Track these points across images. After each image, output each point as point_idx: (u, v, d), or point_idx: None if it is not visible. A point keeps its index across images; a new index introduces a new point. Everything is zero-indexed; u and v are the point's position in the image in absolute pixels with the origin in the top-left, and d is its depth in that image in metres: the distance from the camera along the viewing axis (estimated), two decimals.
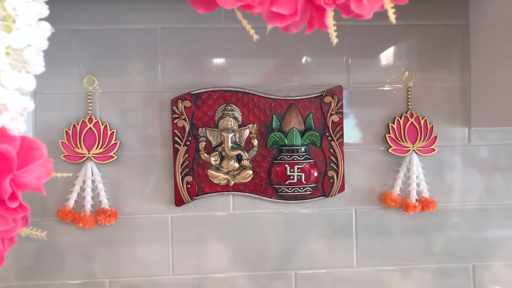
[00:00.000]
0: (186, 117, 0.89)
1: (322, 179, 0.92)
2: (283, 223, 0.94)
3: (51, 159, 0.37)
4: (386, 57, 0.94)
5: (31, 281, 0.91)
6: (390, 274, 0.95)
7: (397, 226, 0.95)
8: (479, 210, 0.96)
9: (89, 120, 0.89)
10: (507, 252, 0.96)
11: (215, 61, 0.92)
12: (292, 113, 0.92)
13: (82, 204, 0.89)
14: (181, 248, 0.92)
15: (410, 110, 0.93)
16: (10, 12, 0.32)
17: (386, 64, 0.94)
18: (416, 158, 0.93)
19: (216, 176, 0.90)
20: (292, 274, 0.94)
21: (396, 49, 0.94)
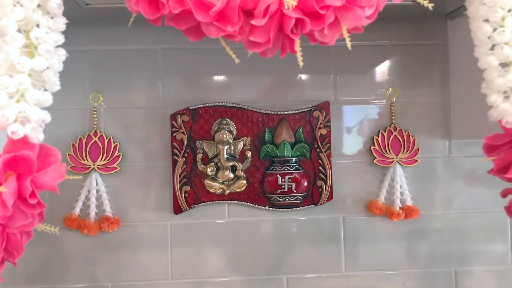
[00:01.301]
0: (184, 130, 0.96)
1: (311, 188, 0.98)
2: (276, 230, 1.00)
3: (64, 164, 0.44)
4: (371, 75, 1.01)
5: (39, 285, 0.96)
6: (377, 278, 1.00)
7: (382, 232, 1.00)
8: (460, 218, 1.01)
9: (94, 134, 0.96)
10: (487, 257, 1.02)
11: (211, 79, 0.99)
12: (283, 127, 0.98)
13: (87, 212, 0.95)
14: (180, 253, 0.98)
15: (393, 124, 1.00)
16: (33, 41, 0.39)
17: (370, 81, 1.01)
18: (400, 168, 0.99)
19: (212, 185, 0.96)
20: (284, 278, 0.99)
21: (380, 67, 1.01)
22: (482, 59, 0.45)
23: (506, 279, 1.02)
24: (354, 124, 1.00)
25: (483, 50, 0.45)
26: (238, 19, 0.38)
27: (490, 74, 0.45)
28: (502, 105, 0.45)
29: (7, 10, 0.37)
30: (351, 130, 1.00)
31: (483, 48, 0.45)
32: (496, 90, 0.45)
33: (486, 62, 0.45)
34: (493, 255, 1.02)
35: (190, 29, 0.40)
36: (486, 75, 0.46)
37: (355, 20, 0.38)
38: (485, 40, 0.44)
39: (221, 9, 0.37)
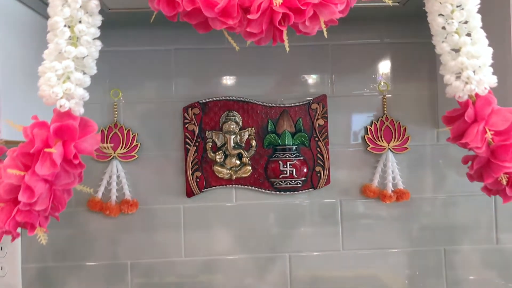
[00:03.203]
0: (195, 122, 1.07)
1: (310, 174, 1.08)
2: (279, 212, 1.09)
3: (99, 134, 0.54)
4: (364, 71, 1.10)
5: (65, 262, 1.06)
6: (371, 256, 1.09)
7: (376, 214, 1.09)
8: (448, 200, 1.10)
9: (114, 126, 1.06)
10: (474, 237, 1.10)
11: (219, 76, 1.09)
12: (284, 118, 1.08)
13: (108, 195, 1.05)
14: (192, 233, 1.08)
15: (385, 114, 1.09)
16: (77, 34, 0.50)
17: (364, 76, 1.10)
18: (391, 155, 1.08)
19: (220, 171, 1.07)
20: (287, 256, 1.09)
21: (372, 63, 1.10)
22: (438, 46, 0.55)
23: (491, 257, 1.10)
24: (349, 115, 1.10)
25: (438, 38, 0.54)
26: (237, 14, 0.48)
27: (445, 58, 0.55)
28: (454, 83, 0.55)
29: (57, 9, 0.48)
30: (346, 121, 1.10)
31: (438, 37, 0.54)
32: (450, 71, 0.55)
33: (440, 48, 0.54)
34: (479, 235, 1.10)
35: (199, 23, 0.51)
36: (442, 59, 0.56)
37: (330, 14, 0.48)
38: (440, 30, 0.54)
39: (224, 7, 0.48)
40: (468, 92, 0.54)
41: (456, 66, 0.54)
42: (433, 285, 1.09)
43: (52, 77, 0.50)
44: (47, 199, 0.53)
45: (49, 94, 0.51)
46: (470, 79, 0.54)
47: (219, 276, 1.07)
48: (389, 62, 1.10)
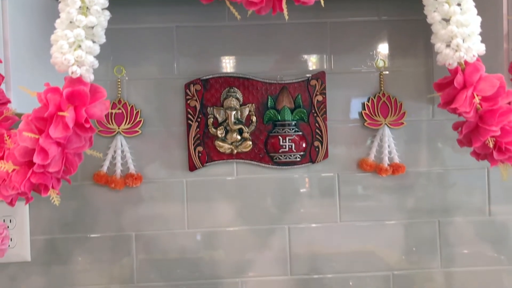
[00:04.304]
0: (197, 98, 1.09)
1: (309, 149, 1.11)
2: (278, 186, 1.12)
3: (108, 100, 0.58)
4: (362, 48, 1.13)
5: (72, 234, 1.09)
6: (368, 228, 1.13)
7: (372, 187, 1.13)
8: (443, 174, 1.13)
9: (118, 102, 1.09)
10: (467, 209, 1.13)
11: (220, 53, 1.12)
12: (284, 94, 1.11)
13: (113, 169, 1.08)
14: (194, 206, 1.11)
15: (382, 90, 1.12)
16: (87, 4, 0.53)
17: (362, 53, 1.13)
18: (388, 130, 1.12)
19: (222, 146, 1.10)
20: (286, 227, 1.12)
21: (370, 40, 1.13)
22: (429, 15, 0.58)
23: (484, 228, 1.14)
24: (347, 92, 1.13)
25: (430, 8, 0.57)
26: None
27: (436, 27, 0.58)
28: (445, 51, 0.58)
29: None
30: (344, 97, 1.13)
31: (430, 6, 0.57)
32: (440, 40, 0.58)
33: (432, 17, 0.57)
34: (473, 207, 1.14)
35: None
36: (433, 28, 0.59)
37: None
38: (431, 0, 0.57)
39: None
40: (457, 59, 0.57)
41: (446, 34, 0.57)
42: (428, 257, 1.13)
43: (64, 45, 0.53)
44: (60, 161, 0.56)
45: (61, 61, 0.54)
46: (460, 46, 0.57)
47: (220, 247, 1.11)
48: (386, 39, 1.13)
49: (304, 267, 1.12)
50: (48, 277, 1.09)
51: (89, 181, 1.09)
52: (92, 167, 1.09)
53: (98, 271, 1.10)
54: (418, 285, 1.13)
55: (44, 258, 1.09)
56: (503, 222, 1.14)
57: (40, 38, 0.82)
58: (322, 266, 1.12)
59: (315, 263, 1.12)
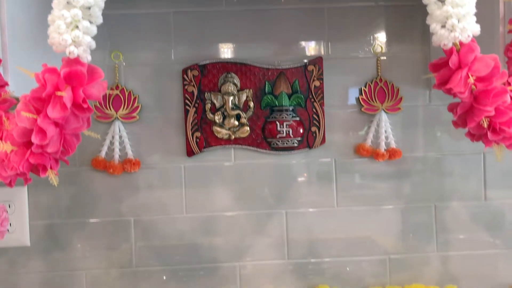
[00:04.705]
0: (194, 84, 1.10)
1: (306, 134, 1.12)
2: (276, 171, 1.13)
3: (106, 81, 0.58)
4: (359, 33, 1.13)
5: (70, 219, 1.10)
6: (365, 212, 1.14)
7: (369, 172, 1.13)
8: (439, 159, 1.14)
9: (116, 87, 1.09)
10: (463, 194, 1.14)
11: (218, 38, 1.11)
12: (281, 80, 1.11)
13: (111, 155, 1.09)
14: (192, 191, 1.12)
15: (379, 76, 1.12)
16: None
17: (359, 38, 1.13)
18: (385, 115, 1.12)
19: (219, 131, 1.10)
20: (284, 212, 1.13)
21: (367, 25, 1.13)
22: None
23: (479, 212, 1.15)
24: (344, 77, 1.13)
25: None
26: None
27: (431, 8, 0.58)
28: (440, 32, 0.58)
29: None
30: (341, 82, 1.13)
31: None
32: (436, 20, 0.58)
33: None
34: (469, 192, 1.14)
35: None
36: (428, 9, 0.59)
37: None
38: None
39: None
40: (452, 39, 0.58)
41: (441, 15, 0.57)
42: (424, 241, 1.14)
43: (61, 25, 0.53)
44: (58, 141, 0.57)
45: (59, 41, 0.54)
46: (455, 27, 0.57)
47: (218, 232, 1.12)
48: (383, 24, 1.13)
49: (301, 251, 1.13)
50: (48, 261, 1.10)
51: (87, 166, 1.10)
52: (90, 152, 1.09)
53: (97, 256, 1.11)
54: (414, 268, 1.14)
55: (44, 243, 1.10)
56: (499, 206, 1.15)
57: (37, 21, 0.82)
58: (319, 250, 1.13)
59: (312, 247, 1.13)
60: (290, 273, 1.13)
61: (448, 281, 1.13)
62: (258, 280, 1.13)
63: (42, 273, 1.10)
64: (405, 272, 1.14)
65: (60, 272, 1.10)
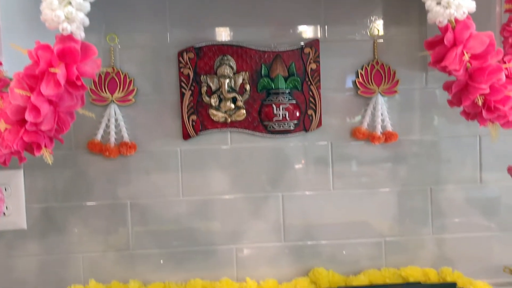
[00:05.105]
0: (190, 66, 1.09)
1: (303, 117, 1.12)
2: (272, 154, 1.13)
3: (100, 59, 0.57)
4: (356, 16, 1.12)
5: (67, 202, 1.10)
6: (361, 195, 1.14)
7: (365, 155, 1.13)
8: (435, 142, 1.14)
9: (111, 70, 1.09)
10: (459, 177, 1.15)
11: (213, 20, 1.11)
12: (278, 62, 1.11)
13: (107, 138, 1.08)
14: (189, 174, 1.12)
15: (376, 59, 1.12)
16: None
17: (356, 21, 1.12)
18: (381, 98, 1.12)
19: (215, 114, 1.10)
20: (280, 195, 1.13)
21: (364, 8, 1.12)
22: None
23: (474, 195, 1.15)
24: (341, 60, 1.13)
25: None
26: None
27: None
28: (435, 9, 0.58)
29: None
30: (338, 65, 1.12)
31: None
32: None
33: None
34: (464, 175, 1.15)
35: None
36: None
37: None
38: None
39: None
40: (447, 16, 0.58)
41: None
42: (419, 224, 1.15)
43: (54, 1, 0.53)
44: (52, 119, 0.56)
45: (52, 17, 0.53)
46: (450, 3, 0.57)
47: (215, 215, 1.12)
48: (380, 7, 1.12)
49: (298, 234, 1.13)
50: (45, 244, 1.10)
51: (83, 149, 1.10)
52: (86, 135, 1.09)
53: (94, 239, 1.11)
54: (409, 251, 1.15)
55: (40, 226, 1.10)
56: (494, 189, 1.15)
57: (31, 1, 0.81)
58: (315, 233, 1.13)
59: (308, 230, 1.14)
60: (286, 256, 1.14)
61: (443, 263, 1.14)
62: (255, 262, 1.13)
63: (39, 256, 1.10)
64: (400, 254, 1.15)
65: (57, 255, 1.11)
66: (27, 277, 1.10)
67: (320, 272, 1.10)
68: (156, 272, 1.12)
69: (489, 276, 1.12)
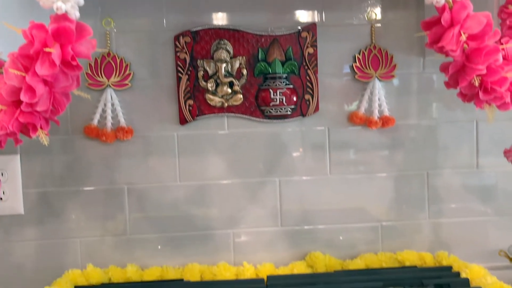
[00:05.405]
0: (186, 50, 1.09)
1: (300, 102, 1.11)
2: (269, 139, 1.13)
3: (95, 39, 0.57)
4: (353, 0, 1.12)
5: (64, 187, 1.10)
6: (358, 180, 1.14)
7: (362, 140, 1.13)
8: (432, 127, 1.14)
9: (107, 55, 1.08)
10: (454, 161, 1.15)
11: (210, 4, 1.10)
12: (275, 47, 1.10)
13: (104, 123, 1.08)
14: (186, 159, 1.12)
15: (373, 43, 1.11)
16: None
17: (353, 5, 1.12)
18: (378, 83, 1.12)
19: (212, 99, 1.10)
20: (277, 180, 1.14)
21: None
22: None
23: (471, 180, 1.16)
24: (338, 44, 1.12)
25: None
26: None
27: None
28: None
29: None
30: (335, 50, 1.12)
31: None
32: None
33: None
34: (461, 160, 1.15)
35: None
36: None
37: None
38: None
39: None
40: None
41: None
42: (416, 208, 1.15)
43: None
44: (48, 100, 0.56)
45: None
46: None
47: (212, 200, 1.12)
48: None
49: (295, 218, 1.14)
50: (41, 229, 1.11)
51: (80, 134, 1.09)
52: (82, 120, 1.09)
53: (91, 224, 1.11)
54: (406, 235, 1.15)
55: (37, 211, 1.10)
56: (490, 174, 1.16)
57: None
58: (312, 218, 1.14)
59: (305, 215, 1.14)
60: (283, 240, 1.14)
61: (440, 247, 1.15)
62: (252, 247, 1.14)
63: (36, 241, 1.11)
64: (397, 239, 1.15)
65: (54, 240, 1.11)
66: (24, 262, 1.11)
67: (317, 256, 1.10)
68: (154, 256, 1.12)
69: (485, 260, 1.12)
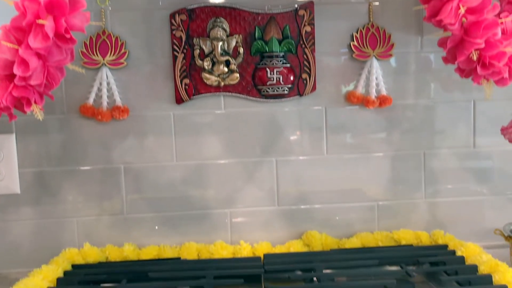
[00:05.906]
0: (182, 28, 1.07)
1: (297, 81, 1.11)
2: (266, 119, 1.12)
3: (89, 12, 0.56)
4: None
5: (60, 167, 1.10)
6: (355, 160, 1.14)
7: (360, 120, 1.13)
8: (429, 106, 1.14)
9: (102, 33, 1.07)
10: (453, 141, 1.15)
11: None
12: (272, 25, 1.09)
13: (100, 102, 1.07)
14: (182, 139, 1.11)
15: (371, 22, 1.10)
16: None
17: None
18: (376, 62, 1.11)
19: (208, 78, 1.09)
20: (274, 160, 1.13)
21: None
22: None
23: (468, 160, 1.16)
24: (336, 23, 1.11)
25: None
26: None
27: None
28: None
29: None
30: (333, 28, 1.11)
31: None
32: None
33: None
34: (458, 139, 1.15)
35: None
36: None
37: None
38: None
39: None
40: None
41: None
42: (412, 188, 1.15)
43: None
44: (41, 74, 0.55)
45: None
46: None
47: (209, 179, 1.12)
48: None
49: (291, 198, 1.14)
50: (38, 209, 1.11)
51: (75, 113, 1.09)
52: (78, 99, 1.08)
53: (88, 203, 1.11)
54: (402, 215, 1.16)
55: (34, 191, 1.10)
56: (487, 153, 1.16)
57: None
58: (308, 197, 1.14)
59: (302, 194, 1.14)
60: (280, 220, 1.14)
61: (436, 226, 1.15)
62: (249, 226, 1.14)
63: (33, 220, 1.11)
64: (393, 218, 1.16)
65: (51, 219, 1.11)
66: (21, 241, 1.11)
67: (313, 235, 1.11)
68: (151, 236, 1.12)
69: (480, 238, 1.13)
